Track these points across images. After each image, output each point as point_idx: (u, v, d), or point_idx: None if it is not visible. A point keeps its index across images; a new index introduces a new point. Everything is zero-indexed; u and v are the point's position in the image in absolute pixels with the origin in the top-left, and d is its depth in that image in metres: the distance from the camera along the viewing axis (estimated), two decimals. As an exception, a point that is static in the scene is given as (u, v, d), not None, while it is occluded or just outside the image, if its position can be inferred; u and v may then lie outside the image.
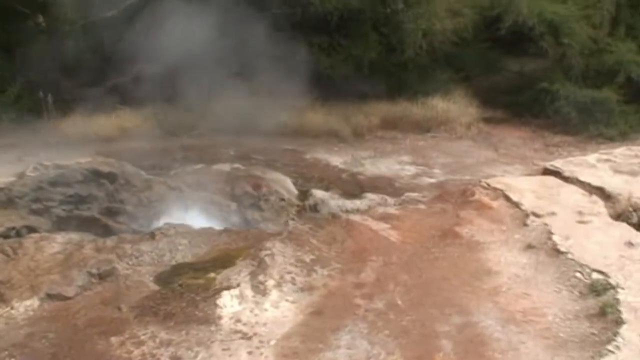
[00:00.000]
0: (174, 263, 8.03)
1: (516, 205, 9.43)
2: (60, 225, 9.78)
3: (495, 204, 9.57)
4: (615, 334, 6.31)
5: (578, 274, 7.46)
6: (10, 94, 13.97)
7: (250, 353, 6.16)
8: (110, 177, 10.46)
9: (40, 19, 15.45)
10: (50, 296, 7.21)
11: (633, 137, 14.49)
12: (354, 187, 11.34)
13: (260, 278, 7.32)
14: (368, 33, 15.62)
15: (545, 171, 11.12)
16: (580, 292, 7.17)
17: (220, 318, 6.68)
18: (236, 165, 11.85)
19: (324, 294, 7.24)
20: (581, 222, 8.87)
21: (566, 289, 7.28)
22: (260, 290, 7.15)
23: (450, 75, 16.64)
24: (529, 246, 8.27)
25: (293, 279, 7.42)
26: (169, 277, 7.63)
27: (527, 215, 9.07)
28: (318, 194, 10.56)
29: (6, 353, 6.23)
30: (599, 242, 8.25)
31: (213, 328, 6.53)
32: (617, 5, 16.35)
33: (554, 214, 9.07)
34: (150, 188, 10.66)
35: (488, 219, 9.15)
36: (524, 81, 17.17)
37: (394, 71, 15.95)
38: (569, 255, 7.85)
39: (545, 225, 8.73)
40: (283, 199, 10.70)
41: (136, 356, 6.13)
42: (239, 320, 6.65)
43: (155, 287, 7.39)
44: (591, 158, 11.71)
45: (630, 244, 8.20)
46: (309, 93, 14.33)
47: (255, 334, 6.45)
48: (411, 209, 9.76)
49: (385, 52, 15.67)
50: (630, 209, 9.57)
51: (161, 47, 12.88)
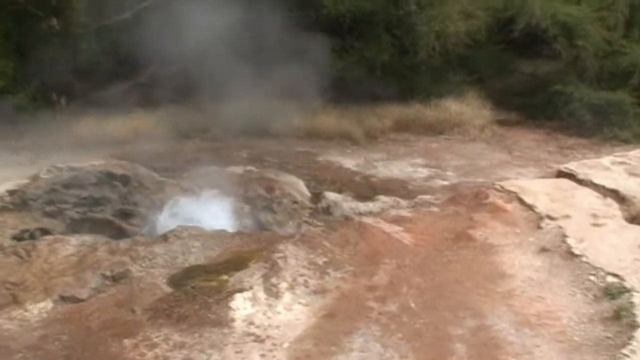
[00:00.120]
0: (186, 265, 8.03)
1: (530, 208, 9.37)
2: (74, 227, 9.84)
3: (509, 207, 9.51)
4: (630, 338, 6.28)
5: (592, 277, 7.42)
6: (25, 96, 14.02)
7: (263, 356, 6.16)
8: (123, 180, 10.52)
9: (54, 21, 15.55)
10: (63, 298, 7.23)
11: (648, 140, 14.41)
12: (366, 190, 11.35)
13: (273, 281, 7.32)
14: (381, 35, 15.61)
15: (560, 174, 11.04)
16: (594, 296, 7.14)
17: (233, 321, 6.68)
18: (249, 167, 11.89)
19: (336, 297, 7.22)
20: (595, 225, 8.82)
21: (580, 292, 7.25)
22: (273, 292, 7.14)
23: (463, 77, 16.63)
24: (543, 249, 8.23)
25: (306, 281, 7.40)
26: (182, 280, 7.62)
27: (542, 218, 9.01)
28: (331, 196, 10.57)
29: (20, 355, 6.27)
30: (613, 245, 8.19)
31: (226, 330, 6.53)
32: (632, 6, 16.31)
33: (568, 216, 9.01)
34: (163, 190, 10.70)
35: (502, 221, 9.10)
36: (538, 83, 17.11)
37: (407, 73, 15.93)
38: (584, 258, 7.81)
39: (560, 228, 8.67)
40: (296, 202, 10.70)
41: (149, 359, 6.15)
42: (251, 323, 6.65)
43: (168, 290, 7.39)
44: (605, 160, 11.62)
45: (645, 247, 8.15)
46: (321, 95, 14.35)
47: (268, 336, 6.45)
48: (424, 212, 9.72)
49: (398, 55, 15.66)
50: (645, 212, 9.51)
51: (174, 50, 12.93)
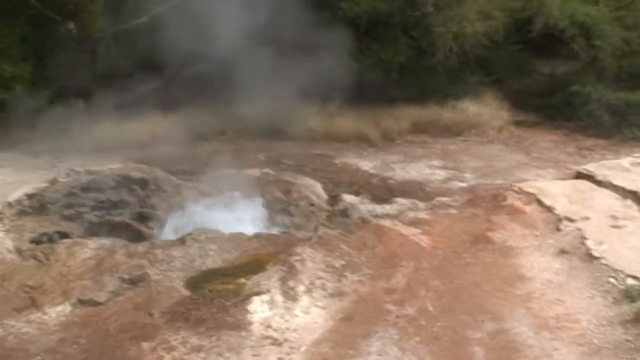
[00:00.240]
0: (204, 268, 8.03)
1: (549, 209, 9.30)
2: (92, 230, 9.88)
3: (527, 209, 9.45)
4: (651, 341, 6.24)
5: (612, 280, 7.36)
6: (43, 100, 14.08)
7: (280, 359, 6.16)
8: (141, 183, 10.56)
9: (72, 25, 15.62)
10: (82, 301, 7.25)
11: (667, 141, 14.30)
12: (384, 192, 11.31)
13: (291, 284, 7.31)
14: (397, 37, 15.55)
15: (578, 175, 10.95)
16: (614, 298, 7.08)
17: (250, 324, 6.67)
18: (266, 170, 11.89)
19: (354, 300, 7.20)
20: (615, 227, 8.74)
21: (600, 294, 7.19)
22: (290, 295, 7.14)
23: (480, 78, 16.53)
24: (562, 251, 8.17)
25: (323, 284, 7.39)
26: (200, 283, 7.63)
27: (560, 220, 8.94)
28: (348, 198, 10.56)
29: (38, 358, 6.30)
30: (633, 247, 8.11)
31: (243, 334, 6.52)
32: (650, 6, 16.17)
33: (587, 218, 8.94)
34: (181, 193, 10.73)
35: (520, 223, 9.04)
36: (556, 84, 17.01)
37: (424, 75, 15.85)
38: (603, 261, 7.74)
39: (579, 230, 8.60)
40: (313, 204, 10.70)
41: (167, 362, 6.16)
42: (269, 326, 6.64)
43: (186, 293, 7.40)
44: (625, 161, 11.51)
45: (665, 249, 8.07)
46: (338, 97, 14.34)
47: (285, 339, 6.44)
48: (442, 214, 9.67)
49: (415, 56, 15.59)
50: (666, 214, 9.42)
51: (191, 53, 12.97)
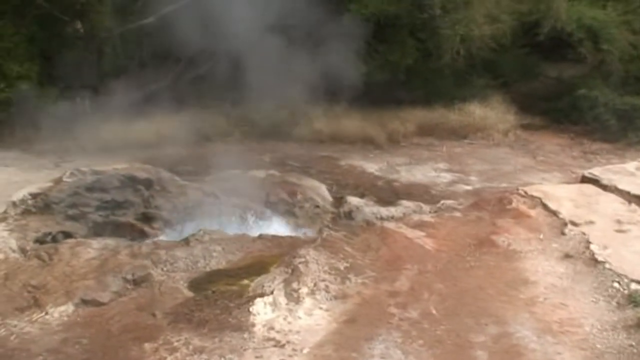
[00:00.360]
0: (208, 270, 8.04)
1: (554, 213, 9.31)
2: (96, 230, 9.87)
3: (532, 212, 9.45)
4: (654, 346, 6.22)
5: (616, 284, 7.35)
6: (49, 99, 14.09)
7: (282, 361, 6.16)
8: (146, 183, 10.55)
9: (79, 25, 15.64)
10: (85, 302, 7.25)
11: (673, 145, 14.27)
12: (389, 194, 11.32)
13: (294, 285, 7.29)
14: (405, 39, 15.57)
15: (584, 179, 10.96)
16: (618, 303, 7.07)
17: (253, 325, 6.66)
18: (271, 171, 11.90)
19: (357, 302, 7.19)
20: (620, 231, 8.73)
21: (604, 299, 7.18)
22: (293, 297, 7.12)
23: (487, 81, 16.54)
24: (567, 255, 8.16)
25: (327, 286, 7.37)
26: (203, 284, 7.63)
27: (565, 224, 8.94)
28: (353, 201, 10.56)
29: (41, 358, 6.29)
30: (637, 252, 8.10)
31: (246, 335, 6.51)
32: (658, 10, 16.14)
33: (592, 222, 8.93)
34: (185, 194, 10.72)
35: (525, 227, 9.03)
36: (563, 87, 17.01)
37: (431, 77, 15.88)
38: (607, 265, 7.73)
39: (583, 234, 8.60)
40: (318, 206, 10.71)
41: (169, 363, 6.16)
42: (272, 328, 6.63)
43: (189, 294, 7.40)
44: (630, 166, 11.52)
45: (670, 254, 8.04)
46: (344, 99, 14.34)
47: (288, 341, 6.43)
48: (447, 217, 9.68)
49: (422, 58, 15.61)
50: (671, 218, 9.39)
51: (197, 54, 12.96)
